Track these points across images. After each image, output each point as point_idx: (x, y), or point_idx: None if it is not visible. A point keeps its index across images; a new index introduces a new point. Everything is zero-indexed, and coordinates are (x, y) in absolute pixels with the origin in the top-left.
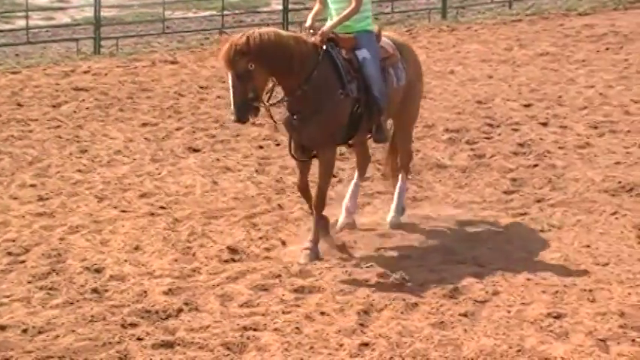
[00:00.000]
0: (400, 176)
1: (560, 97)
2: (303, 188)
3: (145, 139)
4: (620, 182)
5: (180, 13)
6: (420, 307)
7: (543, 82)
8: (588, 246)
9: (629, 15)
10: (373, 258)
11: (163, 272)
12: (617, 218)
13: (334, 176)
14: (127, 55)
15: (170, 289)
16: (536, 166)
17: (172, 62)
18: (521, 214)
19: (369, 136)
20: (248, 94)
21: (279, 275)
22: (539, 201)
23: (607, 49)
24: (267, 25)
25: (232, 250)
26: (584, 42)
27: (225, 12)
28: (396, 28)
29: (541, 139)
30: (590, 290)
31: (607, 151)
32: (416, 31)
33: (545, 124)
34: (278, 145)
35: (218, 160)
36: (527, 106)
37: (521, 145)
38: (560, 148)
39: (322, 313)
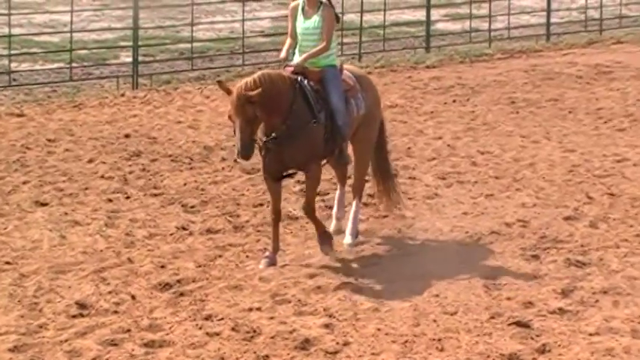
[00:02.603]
0: (354, 202)
1: (409, 148)
2: (276, 212)
3: None
4: (467, 232)
5: (27, 65)
6: None
7: (393, 133)
8: (437, 295)
9: (474, 68)
10: (224, 311)
11: (9, 329)
12: (465, 268)
13: (184, 229)
14: None
15: (16, 346)
16: (385, 216)
17: (19, 115)
18: (372, 265)
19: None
20: (254, 134)
21: (129, 330)
22: (389, 251)
23: (454, 101)
24: (117, 77)
25: (81, 305)
26: (432, 94)
27: (74, 64)
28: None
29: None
30: (439, 339)
31: (455, 202)
32: None
33: (394, 176)
34: (128, 198)
35: (66, 213)
36: None
37: (371, 195)
38: (409, 198)
39: None
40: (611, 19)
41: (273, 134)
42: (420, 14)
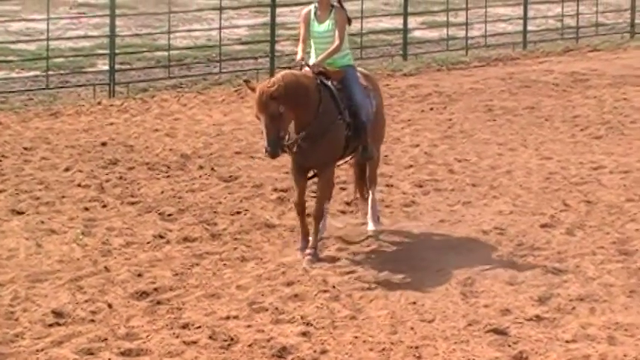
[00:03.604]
0: (371, 190)
1: (386, 156)
2: (301, 205)
3: None
4: (444, 239)
5: (4, 73)
6: None
7: None
8: (414, 303)
9: (452, 76)
10: (201, 319)
11: None
12: (442, 275)
13: (161, 237)
14: None
15: None
16: (363, 224)
17: None
18: (349, 272)
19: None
20: (280, 132)
21: (106, 339)
22: (366, 259)
23: (431, 108)
24: (94, 85)
25: (57, 313)
26: (410, 102)
27: (50, 72)
28: (225, 88)
29: (366, 198)
30: (417, 347)
31: (432, 209)
32: (244, 91)
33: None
34: (104, 206)
35: (43, 222)
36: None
37: (348, 204)
38: (386, 206)
39: None
40: (587, 27)
41: (303, 133)
42: (398, 22)
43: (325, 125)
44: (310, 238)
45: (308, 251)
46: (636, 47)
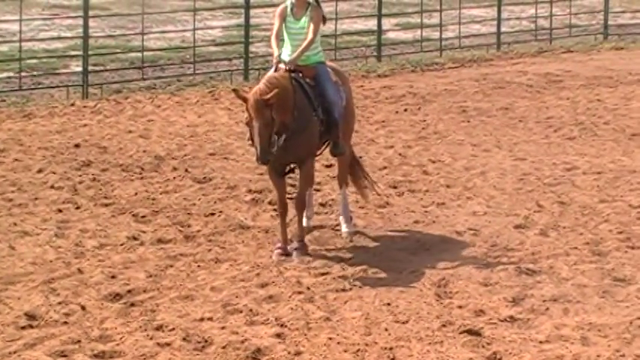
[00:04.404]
0: (342, 190)
1: (360, 157)
2: (283, 205)
3: None
4: (419, 241)
5: None
6: None
7: None
8: (389, 304)
9: (426, 77)
10: (175, 321)
11: None
12: (416, 276)
13: (135, 239)
14: None
15: None
16: (337, 225)
17: None
18: (323, 274)
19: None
20: (271, 137)
21: (79, 341)
22: (340, 260)
23: (405, 110)
24: (67, 86)
25: (30, 316)
26: (384, 103)
27: (23, 74)
28: (199, 89)
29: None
30: (391, 348)
31: (406, 210)
32: (218, 92)
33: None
34: (78, 208)
35: (15, 224)
36: (328, 166)
37: (323, 205)
38: (360, 207)
39: None
40: (560, 29)
41: (284, 136)
42: (372, 23)
43: (301, 123)
44: (297, 231)
45: (295, 245)
46: (609, 49)
